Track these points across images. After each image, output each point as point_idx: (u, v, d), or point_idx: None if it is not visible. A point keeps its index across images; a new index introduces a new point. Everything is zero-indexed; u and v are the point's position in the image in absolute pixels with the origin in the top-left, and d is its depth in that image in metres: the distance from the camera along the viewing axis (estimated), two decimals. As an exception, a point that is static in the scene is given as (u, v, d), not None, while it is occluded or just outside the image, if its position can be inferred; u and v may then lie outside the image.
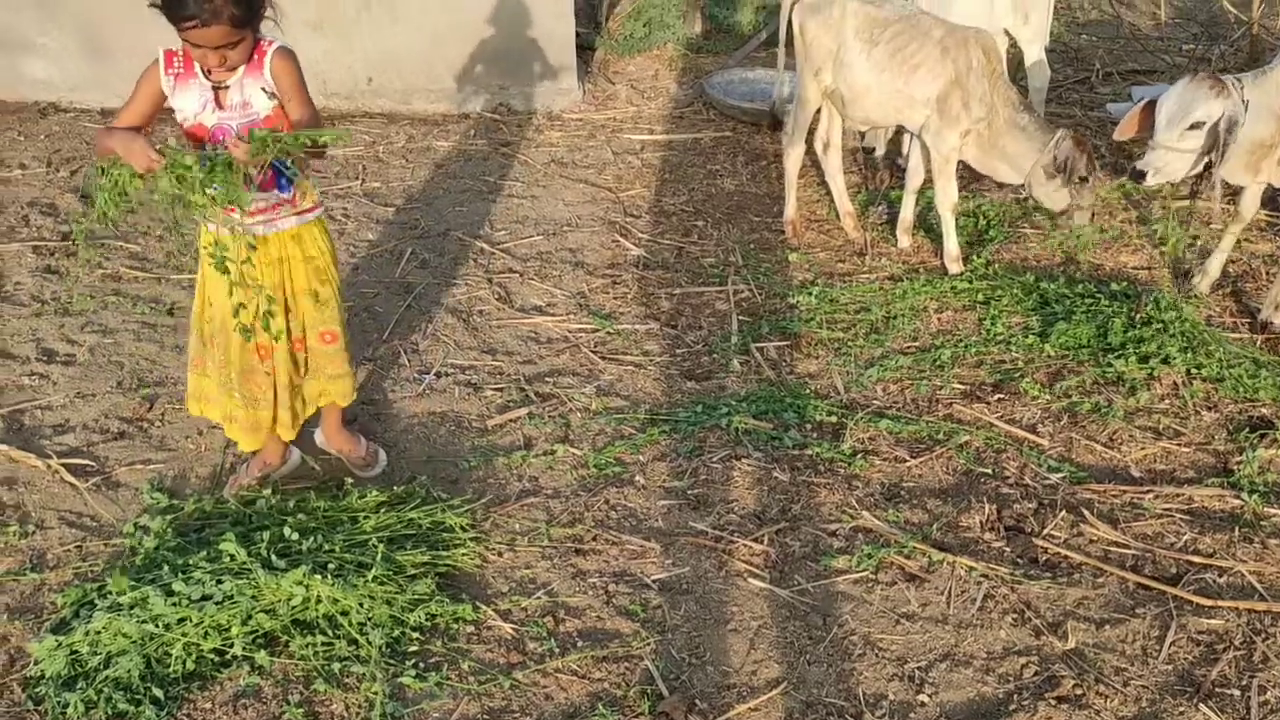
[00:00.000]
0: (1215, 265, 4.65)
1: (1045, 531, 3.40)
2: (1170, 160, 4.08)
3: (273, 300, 3.13)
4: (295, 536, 3.11)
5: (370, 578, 3.00)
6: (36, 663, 2.81)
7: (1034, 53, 5.58)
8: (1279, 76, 4.02)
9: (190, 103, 3.00)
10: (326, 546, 3.12)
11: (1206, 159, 4.05)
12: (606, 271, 4.90)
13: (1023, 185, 4.71)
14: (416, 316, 4.51)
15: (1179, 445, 3.78)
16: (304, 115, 3.01)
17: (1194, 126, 4.00)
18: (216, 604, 2.88)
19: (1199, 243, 5.00)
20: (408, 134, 6.15)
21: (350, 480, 3.54)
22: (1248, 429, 3.80)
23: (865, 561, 3.28)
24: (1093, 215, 4.76)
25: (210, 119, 3.00)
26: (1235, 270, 4.82)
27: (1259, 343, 4.29)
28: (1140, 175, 4.13)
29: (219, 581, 2.93)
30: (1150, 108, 4.18)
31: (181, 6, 2.79)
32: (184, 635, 2.83)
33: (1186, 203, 5.09)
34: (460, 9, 6.24)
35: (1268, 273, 4.76)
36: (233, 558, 3.01)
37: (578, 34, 6.68)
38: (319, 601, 2.94)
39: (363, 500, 3.39)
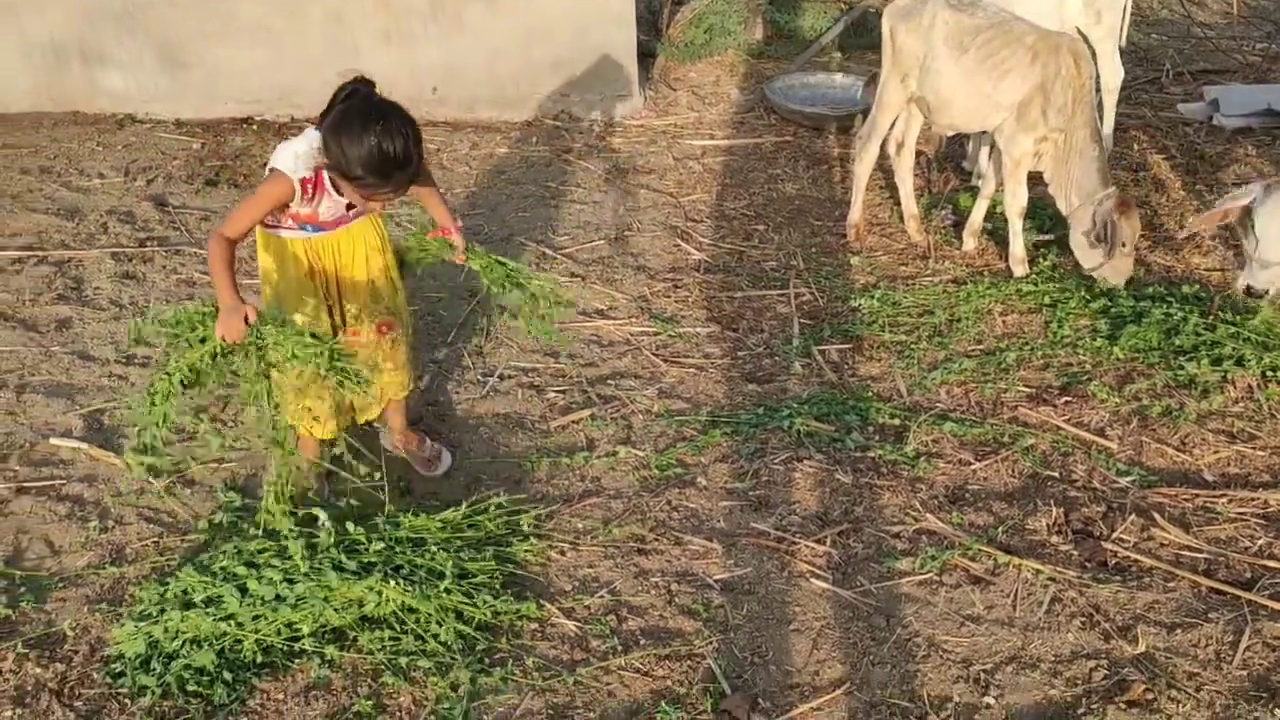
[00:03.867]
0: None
1: (1114, 535, 3.34)
2: None
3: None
4: (362, 535, 3.16)
5: (442, 588, 3.02)
6: (116, 644, 2.90)
7: (1107, 52, 5.48)
8: None
9: (322, 210, 3.15)
10: (398, 549, 3.17)
11: None
12: (668, 275, 4.92)
13: (1068, 219, 4.62)
14: (480, 320, 4.57)
15: (1253, 449, 3.70)
16: None
17: None
18: (290, 606, 2.94)
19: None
20: (471, 141, 6.24)
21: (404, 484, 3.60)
22: (1326, 432, 3.71)
23: (929, 563, 3.26)
24: (1129, 281, 4.49)
25: (332, 217, 3.20)
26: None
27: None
28: (1260, 295, 4.07)
29: (291, 582, 2.99)
30: (1244, 211, 4.02)
31: (385, 185, 2.98)
32: (256, 631, 2.90)
33: None
34: (524, 18, 6.31)
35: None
36: (305, 558, 3.06)
37: (639, 41, 6.72)
38: (388, 600, 2.99)
39: (430, 506, 3.44)
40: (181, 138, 6.21)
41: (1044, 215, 5.09)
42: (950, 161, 5.81)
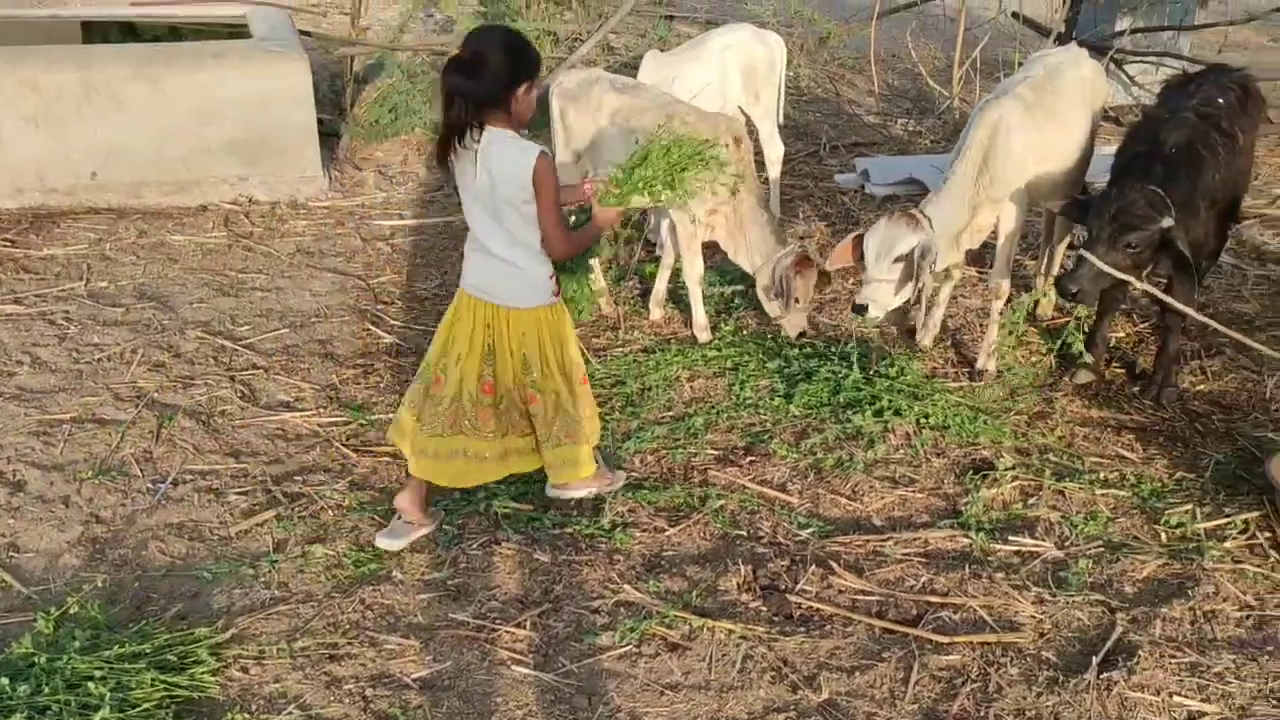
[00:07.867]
0: (935, 320, 5.01)
1: (798, 587, 3.51)
2: (883, 290, 4.45)
3: None
4: (5, 682, 2.81)
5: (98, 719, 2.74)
6: None
7: (767, 129, 5.92)
8: (945, 201, 4.49)
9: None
10: (47, 689, 2.83)
11: (912, 284, 4.43)
12: (358, 361, 4.77)
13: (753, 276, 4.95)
14: (148, 422, 4.24)
15: (914, 492, 4.02)
16: None
17: (898, 259, 4.38)
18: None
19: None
20: (139, 229, 5.84)
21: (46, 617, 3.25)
22: (971, 471, 4.09)
23: (628, 635, 3.29)
24: (802, 334, 4.89)
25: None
26: (953, 324, 5.21)
27: (976, 390, 4.63)
28: (863, 309, 4.48)
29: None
30: (858, 241, 4.51)
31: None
32: None
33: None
34: (191, 98, 6.02)
35: (980, 325, 5.17)
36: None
37: (322, 120, 6.58)
38: (37, 749, 2.67)
39: (84, 634, 3.11)
40: None
41: (733, 272, 5.35)
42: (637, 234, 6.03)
